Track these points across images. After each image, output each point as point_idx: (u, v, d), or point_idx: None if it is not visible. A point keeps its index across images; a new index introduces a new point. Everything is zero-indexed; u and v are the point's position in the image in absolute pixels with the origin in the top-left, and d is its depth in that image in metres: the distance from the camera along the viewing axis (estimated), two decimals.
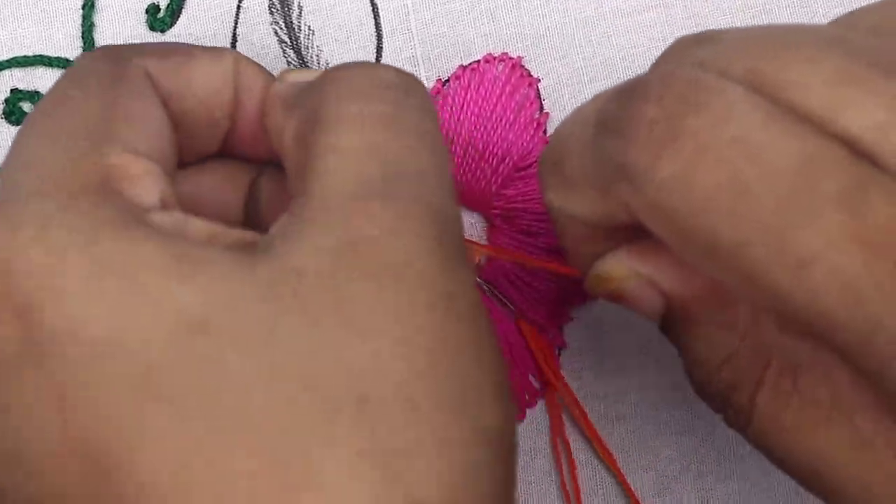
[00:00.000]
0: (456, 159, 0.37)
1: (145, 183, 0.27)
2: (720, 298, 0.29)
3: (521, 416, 0.38)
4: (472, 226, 0.38)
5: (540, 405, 0.38)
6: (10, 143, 0.36)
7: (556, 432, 0.38)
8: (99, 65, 0.29)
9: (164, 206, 0.27)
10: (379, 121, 0.28)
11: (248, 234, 0.27)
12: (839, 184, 0.23)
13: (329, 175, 0.27)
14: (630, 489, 0.38)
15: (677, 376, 0.38)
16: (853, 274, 0.23)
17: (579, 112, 0.29)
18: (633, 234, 0.29)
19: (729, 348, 0.29)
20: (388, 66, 0.30)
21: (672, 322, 0.30)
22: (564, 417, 0.38)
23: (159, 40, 0.37)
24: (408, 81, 0.29)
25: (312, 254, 0.25)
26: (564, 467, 0.38)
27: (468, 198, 0.37)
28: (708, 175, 0.24)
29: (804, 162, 0.23)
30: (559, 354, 0.38)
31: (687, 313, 0.30)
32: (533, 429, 0.38)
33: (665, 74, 0.25)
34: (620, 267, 0.30)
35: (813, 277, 0.23)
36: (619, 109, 0.26)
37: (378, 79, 0.29)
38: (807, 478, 0.28)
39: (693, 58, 0.26)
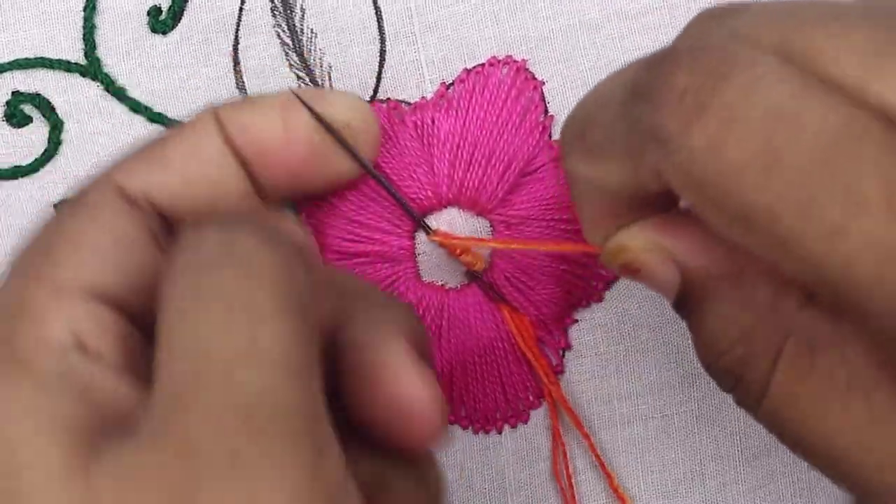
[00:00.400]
0: (461, 164, 0.37)
1: (56, 321, 0.27)
2: (740, 275, 0.29)
3: (525, 419, 0.39)
4: (478, 231, 0.38)
5: (546, 406, 0.39)
6: (12, 148, 0.37)
7: (556, 437, 0.38)
8: (62, 206, 0.31)
9: (77, 343, 0.27)
10: (188, 302, 0.26)
11: (132, 394, 0.27)
12: (873, 152, 0.23)
13: (155, 377, 0.26)
14: (622, 496, 0.38)
15: (682, 379, 0.39)
16: (888, 243, 0.23)
17: (605, 83, 0.29)
18: (653, 208, 0.30)
19: (745, 325, 0.29)
20: (210, 226, 0.28)
21: (687, 298, 0.30)
22: (567, 420, 0.39)
23: (161, 42, 0.37)
24: (226, 238, 0.27)
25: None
26: (562, 472, 0.39)
27: (474, 203, 0.37)
28: (740, 145, 0.24)
29: (837, 131, 0.23)
30: (563, 356, 0.38)
31: (704, 290, 0.30)
32: (537, 431, 0.39)
33: (696, 44, 0.26)
34: (640, 238, 0.30)
35: (847, 245, 0.23)
36: (650, 78, 0.26)
37: (191, 248, 0.27)
38: (820, 456, 0.28)
39: (724, 28, 0.26)
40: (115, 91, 0.37)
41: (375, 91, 0.37)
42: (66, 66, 0.37)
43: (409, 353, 0.30)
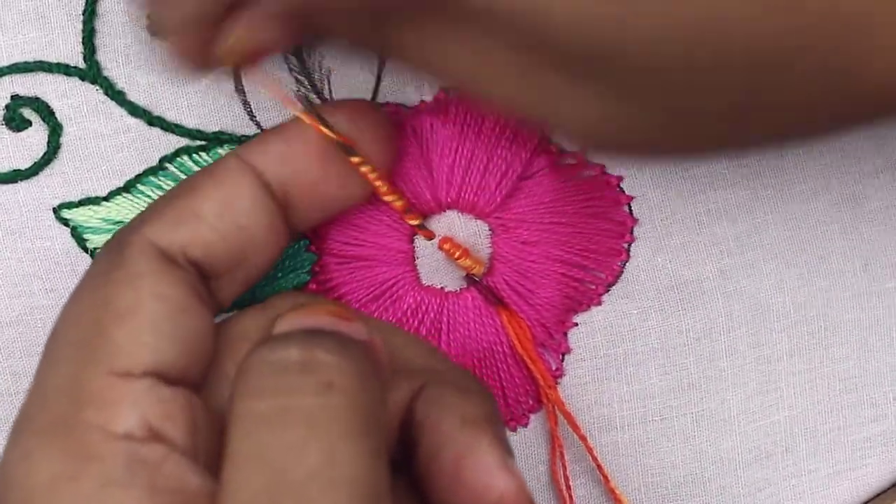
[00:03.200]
0: (460, 168, 0.37)
1: (120, 410, 0.28)
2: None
3: (524, 422, 0.39)
4: (477, 234, 0.38)
5: (545, 410, 0.39)
6: (11, 152, 0.37)
7: (554, 441, 0.39)
8: (98, 266, 0.30)
9: (145, 430, 0.28)
10: (264, 419, 0.27)
11: (206, 486, 0.27)
12: None
13: (226, 490, 0.26)
14: (619, 498, 0.39)
15: (682, 382, 0.39)
16: None
17: None
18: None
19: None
20: (289, 340, 0.29)
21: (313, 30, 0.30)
22: (566, 424, 0.39)
23: (161, 46, 0.37)
24: (307, 357, 0.28)
25: None
26: (560, 476, 0.39)
27: (473, 206, 0.38)
28: None
29: None
30: (563, 360, 0.39)
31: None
32: (536, 435, 0.39)
33: None
34: (234, 26, 0.29)
35: None
36: None
37: (271, 364, 0.28)
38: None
39: None
40: (115, 95, 0.37)
41: (374, 94, 0.38)
42: (66, 70, 0.37)
43: (498, 448, 0.30)
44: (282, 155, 0.33)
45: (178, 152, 0.37)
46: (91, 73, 0.37)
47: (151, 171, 0.37)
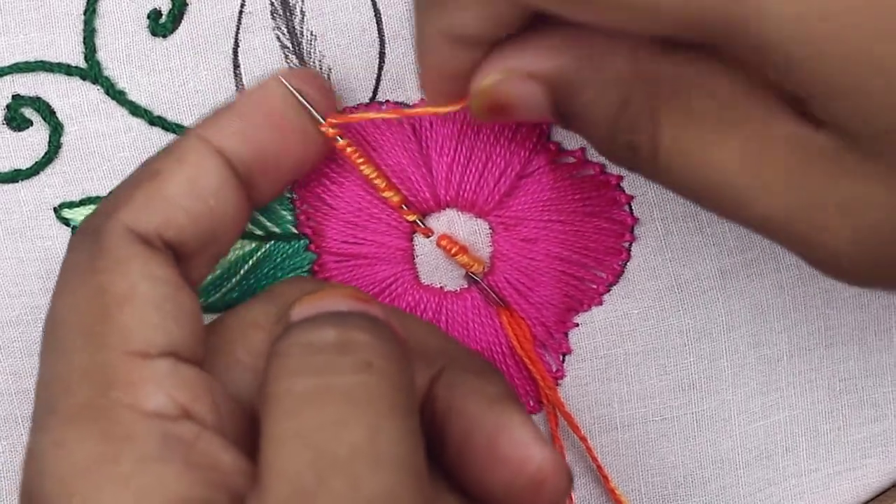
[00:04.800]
0: (459, 166, 0.37)
1: (147, 389, 0.28)
2: (594, 57, 0.30)
3: None
4: (477, 232, 0.38)
5: (545, 411, 0.39)
6: (11, 152, 0.37)
7: (554, 441, 0.39)
8: (78, 254, 0.31)
9: (175, 408, 0.28)
10: (305, 399, 0.27)
11: (239, 464, 0.28)
12: None
13: (269, 469, 0.27)
14: (618, 498, 0.39)
15: (682, 383, 0.39)
16: None
17: None
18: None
19: (618, 99, 0.30)
20: (323, 321, 0.29)
21: (561, 104, 0.31)
22: (568, 426, 0.39)
23: (161, 45, 0.37)
24: (344, 337, 0.28)
25: None
26: None
27: (472, 205, 0.38)
28: None
29: None
30: (563, 360, 0.39)
31: (570, 87, 0.30)
32: None
33: None
34: (494, 71, 0.31)
35: None
36: None
37: (308, 345, 0.28)
38: (714, 196, 0.29)
39: None
40: (116, 94, 0.37)
41: (375, 93, 0.38)
42: (67, 70, 0.37)
43: (530, 422, 0.31)
44: (241, 130, 0.33)
45: None
46: (92, 72, 0.37)
47: None
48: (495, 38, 0.31)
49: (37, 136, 0.37)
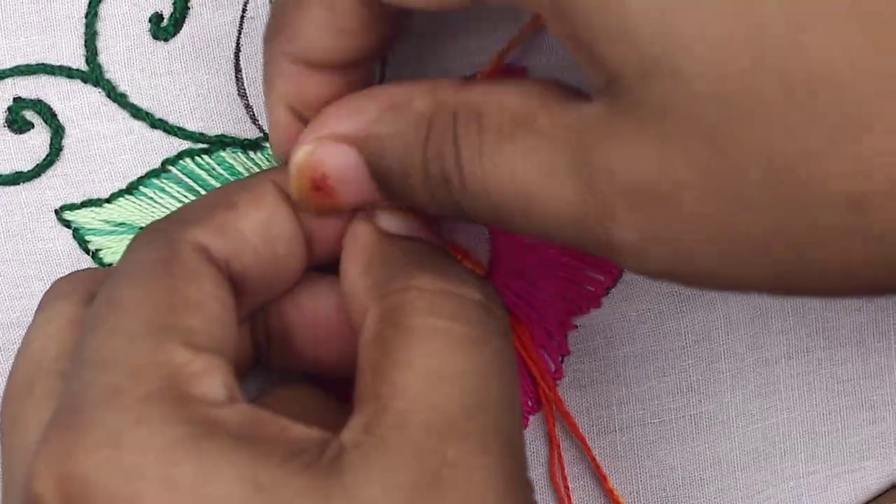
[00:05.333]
0: None
1: (209, 379, 0.28)
2: (396, 106, 0.30)
3: (524, 424, 0.39)
4: (476, 237, 0.38)
5: (544, 411, 0.39)
6: (13, 154, 0.37)
7: (553, 442, 0.39)
8: (149, 253, 0.30)
9: (229, 398, 0.28)
10: (460, 344, 0.29)
11: (314, 433, 0.28)
12: None
13: (406, 396, 0.27)
14: (616, 499, 0.39)
15: (680, 384, 0.39)
16: None
17: None
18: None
19: (421, 136, 0.29)
20: (473, 281, 0.30)
21: (374, 164, 0.30)
22: (565, 425, 0.39)
23: (163, 49, 0.37)
24: (490, 299, 0.30)
25: (390, 490, 0.26)
26: (558, 477, 0.39)
27: None
28: None
29: None
30: (562, 362, 0.39)
31: (378, 138, 0.30)
32: (535, 436, 0.39)
33: None
34: (306, 142, 0.30)
35: None
36: None
37: (466, 298, 0.30)
38: (518, 209, 0.28)
39: None
40: (117, 97, 0.37)
41: None
42: (68, 73, 0.37)
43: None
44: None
45: (180, 155, 0.37)
46: (93, 75, 0.37)
47: (154, 173, 0.38)
48: (346, 59, 0.30)
49: (38, 138, 0.37)
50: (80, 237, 0.38)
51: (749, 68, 0.23)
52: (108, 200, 0.38)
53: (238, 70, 0.37)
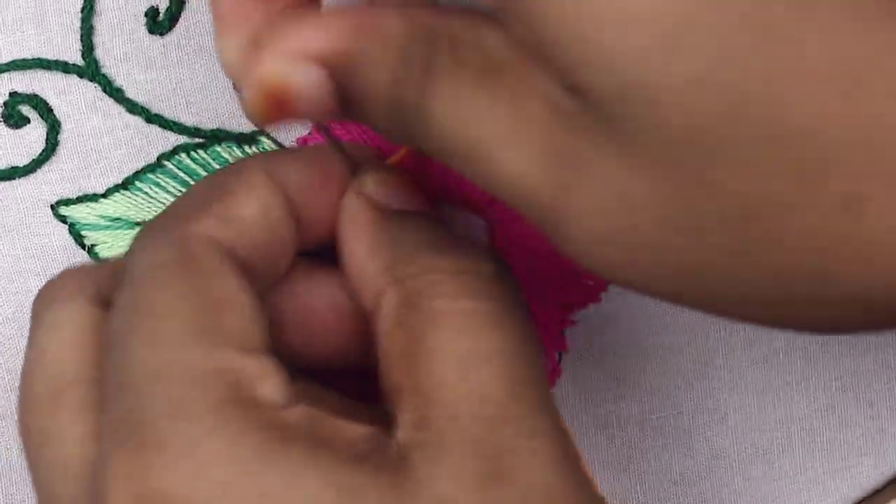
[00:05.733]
0: None
1: (269, 381, 0.27)
2: (371, 24, 0.28)
3: None
4: (473, 229, 0.38)
5: None
6: (9, 149, 0.37)
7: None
8: (159, 255, 0.29)
9: (289, 400, 0.28)
10: (489, 323, 0.29)
11: (363, 429, 0.27)
12: None
13: (448, 385, 0.27)
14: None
15: (678, 381, 0.39)
16: None
17: None
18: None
19: (397, 59, 0.28)
20: (482, 253, 0.30)
21: (342, 84, 0.28)
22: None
23: (159, 43, 0.37)
24: (502, 267, 0.30)
25: (457, 481, 0.26)
26: None
27: (466, 201, 0.38)
28: None
29: None
30: (560, 358, 0.39)
31: (349, 57, 0.28)
32: None
33: None
34: (271, 57, 0.28)
35: None
36: None
37: (482, 273, 0.30)
38: (471, 154, 0.27)
39: None
40: (113, 92, 0.37)
41: None
42: (64, 67, 0.37)
43: None
44: (303, 181, 0.33)
45: (176, 150, 0.38)
46: (89, 70, 0.37)
47: (150, 168, 0.38)
48: None
49: (34, 133, 0.37)
50: (76, 232, 0.38)
51: (727, 113, 0.23)
52: (103, 195, 0.38)
53: None
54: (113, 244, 0.38)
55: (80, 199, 0.38)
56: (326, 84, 0.28)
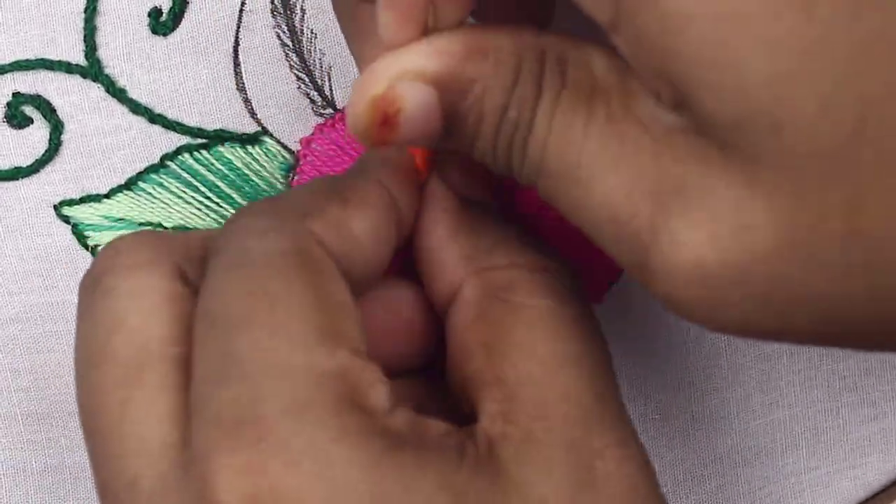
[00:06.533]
0: None
1: (380, 388, 0.27)
2: (483, 45, 0.28)
3: None
4: None
5: None
6: (12, 149, 0.38)
7: None
8: (274, 243, 0.28)
9: (395, 405, 0.27)
10: (573, 324, 0.29)
11: (445, 426, 0.27)
12: None
13: (535, 382, 0.28)
14: None
15: (681, 381, 0.39)
16: None
17: None
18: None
19: (509, 78, 0.28)
20: (556, 253, 0.31)
21: (451, 105, 0.28)
22: None
23: (162, 44, 0.37)
24: (574, 272, 0.30)
25: (554, 485, 0.26)
26: None
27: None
28: None
29: None
30: None
31: (461, 79, 0.28)
32: None
33: None
34: (383, 77, 0.28)
35: None
36: None
37: (562, 273, 0.30)
38: (565, 179, 0.27)
39: None
40: (116, 92, 0.37)
41: None
42: (67, 68, 0.37)
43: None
44: (413, 204, 0.32)
45: (179, 150, 0.38)
46: (92, 70, 0.37)
47: (153, 168, 0.38)
48: None
49: (37, 133, 0.38)
50: (79, 233, 0.38)
51: (851, 133, 0.23)
52: (106, 196, 0.38)
53: (237, 64, 0.38)
54: None
55: (83, 200, 0.38)
56: (436, 105, 0.28)
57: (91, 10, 0.37)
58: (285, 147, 0.38)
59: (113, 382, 0.28)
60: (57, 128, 0.38)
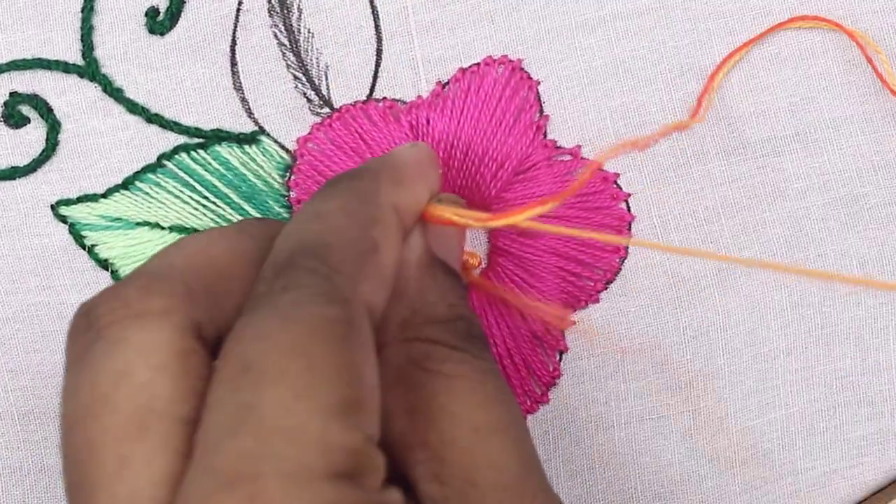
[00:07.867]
0: (455, 163, 0.38)
1: (380, 472, 0.27)
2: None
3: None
4: (472, 230, 0.39)
5: (549, 407, 0.39)
6: (9, 149, 0.38)
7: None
8: (323, 307, 0.28)
9: (386, 485, 0.28)
10: (498, 395, 0.30)
11: (401, 494, 0.28)
12: None
13: (460, 448, 0.29)
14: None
15: (678, 380, 0.39)
16: None
17: None
18: None
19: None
20: (477, 325, 0.32)
21: None
22: (565, 423, 0.39)
23: (159, 43, 0.37)
24: (477, 331, 0.31)
25: None
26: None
27: (469, 201, 0.38)
28: None
29: None
30: (560, 359, 0.39)
31: None
32: (534, 436, 0.40)
33: None
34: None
35: None
36: None
37: (484, 352, 0.31)
38: None
39: None
40: (113, 92, 0.38)
41: (372, 90, 0.38)
42: (64, 67, 0.37)
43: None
44: (417, 211, 0.33)
45: (176, 150, 0.38)
46: (89, 70, 0.38)
47: (150, 168, 0.38)
48: None
49: (34, 133, 0.38)
50: (76, 232, 0.38)
51: None
52: (103, 195, 0.38)
53: (234, 64, 0.38)
54: (113, 244, 0.38)
55: (81, 199, 0.38)
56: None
57: (88, 10, 0.37)
58: (282, 146, 0.38)
59: (113, 438, 0.28)
60: (54, 127, 0.38)
